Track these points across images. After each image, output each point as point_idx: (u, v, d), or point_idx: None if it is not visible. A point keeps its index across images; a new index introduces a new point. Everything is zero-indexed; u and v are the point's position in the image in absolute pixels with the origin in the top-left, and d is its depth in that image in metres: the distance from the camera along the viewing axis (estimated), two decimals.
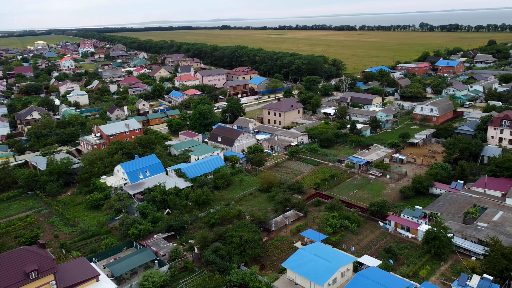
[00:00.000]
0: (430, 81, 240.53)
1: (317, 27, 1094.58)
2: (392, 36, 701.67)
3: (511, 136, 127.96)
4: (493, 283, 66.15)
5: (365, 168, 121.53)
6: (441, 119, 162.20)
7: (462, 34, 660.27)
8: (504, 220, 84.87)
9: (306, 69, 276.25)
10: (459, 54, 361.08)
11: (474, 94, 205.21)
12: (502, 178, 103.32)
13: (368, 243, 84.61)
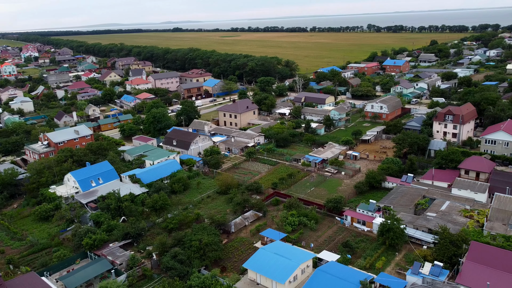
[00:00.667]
0: (379, 80, 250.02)
1: (269, 29, 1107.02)
2: (342, 37, 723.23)
3: (454, 130, 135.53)
4: (443, 269, 69.62)
5: (321, 165, 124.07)
6: (390, 116, 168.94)
7: (406, 35, 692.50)
8: (451, 209, 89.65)
9: (260, 71, 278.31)
10: (405, 53, 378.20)
11: (420, 92, 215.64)
12: (448, 170, 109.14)
13: (326, 238, 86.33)
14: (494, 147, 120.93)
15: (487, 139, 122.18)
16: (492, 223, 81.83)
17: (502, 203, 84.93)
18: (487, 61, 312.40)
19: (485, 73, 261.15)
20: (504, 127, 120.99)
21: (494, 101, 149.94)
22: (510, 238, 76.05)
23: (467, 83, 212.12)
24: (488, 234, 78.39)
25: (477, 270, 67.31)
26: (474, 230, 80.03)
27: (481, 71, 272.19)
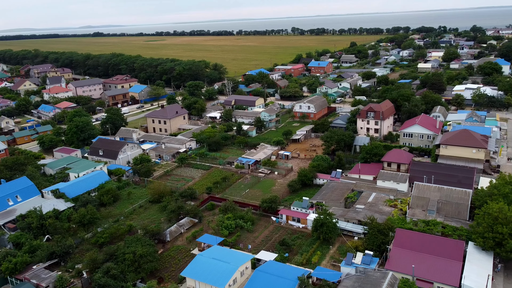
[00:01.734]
0: (305, 81, 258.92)
1: (196, 33, 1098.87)
2: (268, 40, 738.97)
3: (376, 126, 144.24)
4: (374, 257, 73.58)
5: (255, 167, 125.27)
6: (318, 115, 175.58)
7: (328, 37, 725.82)
8: (377, 200, 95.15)
9: (188, 75, 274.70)
10: (328, 55, 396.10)
11: (343, 91, 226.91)
12: (372, 164, 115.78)
13: (263, 239, 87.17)
14: (411, 140, 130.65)
15: (405, 132, 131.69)
16: (414, 210, 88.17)
17: (421, 191, 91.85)
18: (401, 61, 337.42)
19: (400, 71, 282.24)
20: (419, 121, 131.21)
21: (409, 97, 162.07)
22: (429, 222, 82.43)
23: (385, 81, 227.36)
24: (411, 221, 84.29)
25: (403, 255, 72.05)
26: (398, 218, 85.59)
27: (396, 70, 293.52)
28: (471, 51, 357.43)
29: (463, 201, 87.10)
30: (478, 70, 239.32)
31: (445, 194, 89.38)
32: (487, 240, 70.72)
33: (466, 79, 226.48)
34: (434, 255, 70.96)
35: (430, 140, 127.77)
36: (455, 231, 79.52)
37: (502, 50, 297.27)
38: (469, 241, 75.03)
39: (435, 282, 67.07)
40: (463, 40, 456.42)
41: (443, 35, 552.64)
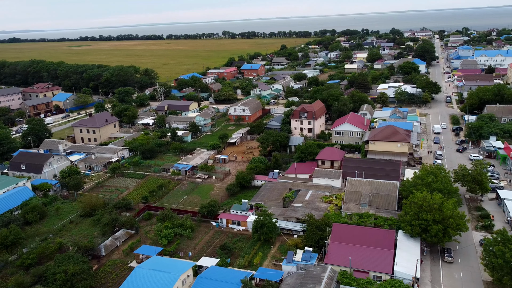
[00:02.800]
0: (238, 84, 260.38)
1: (123, 37, 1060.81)
2: (199, 44, 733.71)
3: (309, 125, 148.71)
4: (313, 253, 75.57)
5: (192, 173, 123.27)
6: (253, 117, 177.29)
7: (259, 40, 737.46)
8: (314, 197, 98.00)
9: (117, 81, 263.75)
10: (260, 58, 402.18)
11: (276, 93, 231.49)
12: (308, 162, 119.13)
13: (204, 245, 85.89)
14: (342, 137, 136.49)
15: (336, 131, 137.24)
16: (348, 204, 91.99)
17: (354, 186, 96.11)
18: (329, 62, 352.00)
19: (328, 72, 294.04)
20: (348, 119, 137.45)
21: (338, 97, 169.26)
22: (362, 215, 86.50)
23: (315, 82, 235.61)
24: (346, 215, 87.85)
25: (340, 248, 74.78)
26: (334, 213, 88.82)
27: (325, 71, 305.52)
28: (392, 52, 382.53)
29: (392, 192, 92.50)
30: (399, 70, 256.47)
31: (376, 187, 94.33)
32: (414, 228, 75.64)
33: (388, 78, 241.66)
34: (368, 245, 74.47)
35: (359, 137, 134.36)
36: (386, 221, 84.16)
37: (418, 51, 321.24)
38: (399, 230, 79.75)
39: (370, 271, 70.38)
40: (384, 42, 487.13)
41: (366, 37, 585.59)
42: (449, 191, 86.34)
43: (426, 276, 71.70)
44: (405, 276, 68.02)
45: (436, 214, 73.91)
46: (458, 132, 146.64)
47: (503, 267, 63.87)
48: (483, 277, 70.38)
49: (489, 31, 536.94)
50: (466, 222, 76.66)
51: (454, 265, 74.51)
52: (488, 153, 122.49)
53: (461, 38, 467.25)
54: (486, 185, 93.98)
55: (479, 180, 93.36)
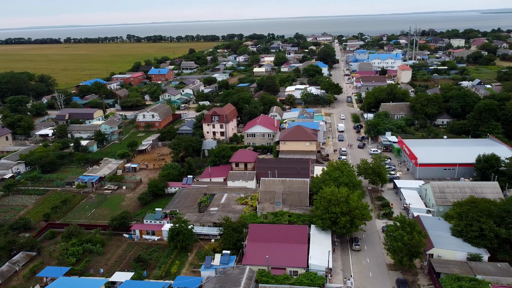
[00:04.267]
0: (146, 89, 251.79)
1: (13, 41, 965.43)
2: (102, 48, 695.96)
3: (221, 129, 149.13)
4: (231, 255, 75.68)
5: (99, 184, 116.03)
6: (163, 123, 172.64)
7: (166, 44, 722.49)
8: (230, 200, 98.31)
9: (7, 89, 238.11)
10: (168, 62, 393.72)
11: (187, 97, 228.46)
12: (222, 166, 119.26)
13: (117, 259, 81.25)
14: (255, 139, 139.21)
15: (248, 133, 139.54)
16: (263, 204, 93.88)
17: (267, 186, 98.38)
18: (238, 66, 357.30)
19: (238, 76, 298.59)
20: (259, 121, 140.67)
21: (248, 100, 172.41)
22: (277, 213, 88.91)
23: (225, 86, 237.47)
24: (261, 215, 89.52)
25: (257, 248, 75.91)
26: (250, 214, 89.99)
27: (235, 75, 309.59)
28: (297, 55, 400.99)
29: (303, 189, 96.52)
30: (304, 72, 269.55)
31: (288, 186, 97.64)
32: (325, 221, 79.73)
33: (295, 80, 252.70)
34: (284, 242, 76.72)
35: (270, 138, 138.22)
36: (299, 217, 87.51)
37: (320, 54, 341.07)
38: (311, 225, 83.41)
39: (287, 267, 72.52)
40: (289, 46, 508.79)
41: (272, 41, 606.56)
42: (354, 184, 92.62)
43: (337, 266, 75.94)
44: (319, 268, 71.30)
45: (344, 206, 78.73)
46: (359, 129, 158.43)
47: (402, 250, 70.16)
48: (386, 260, 76.63)
49: (380, 36, 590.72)
50: (370, 212, 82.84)
51: (361, 253, 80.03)
52: (385, 147, 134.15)
53: (357, 42, 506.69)
54: (385, 176, 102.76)
55: (378, 172, 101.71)
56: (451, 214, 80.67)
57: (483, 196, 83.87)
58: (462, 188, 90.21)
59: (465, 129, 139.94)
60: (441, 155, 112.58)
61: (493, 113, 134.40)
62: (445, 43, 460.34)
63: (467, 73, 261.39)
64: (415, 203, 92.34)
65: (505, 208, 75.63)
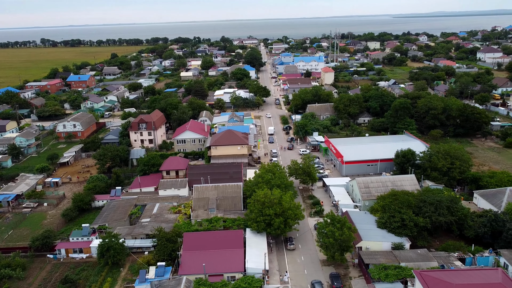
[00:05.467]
0: (66, 97, 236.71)
1: None
2: (12, 54, 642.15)
3: (149, 136, 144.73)
4: (167, 266, 73.69)
5: (16, 202, 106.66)
6: (86, 133, 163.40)
7: (86, 49, 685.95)
8: (162, 210, 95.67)
9: None
10: (88, 68, 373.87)
11: (111, 104, 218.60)
12: (152, 175, 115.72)
13: (41, 282, 75.32)
14: (185, 146, 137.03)
15: (178, 139, 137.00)
16: (197, 211, 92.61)
17: (201, 192, 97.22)
18: (164, 71, 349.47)
19: (165, 81, 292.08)
20: (189, 127, 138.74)
21: (176, 105, 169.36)
22: (212, 220, 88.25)
23: (152, 91, 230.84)
24: (196, 222, 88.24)
25: (193, 257, 74.71)
26: (184, 222, 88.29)
27: (161, 80, 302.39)
28: (224, 59, 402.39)
29: (237, 194, 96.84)
30: (232, 76, 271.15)
31: (221, 191, 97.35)
32: (259, 224, 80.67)
33: (223, 84, 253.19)
34: (220, 249, 76.31)
35: (201, 144, 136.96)
36: (234, 222, 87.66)
37: (247, 58, 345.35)
38: (246, 228, 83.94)
39: (224, 273, 72.18)
40: (216, 49, 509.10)
41: (199, 45, 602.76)
42: (286, 185, 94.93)
43: (274, 267, 77.23)
44: (256, 271, 71.95)
45: (277, 208, 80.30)
46: (288, 130, 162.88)
47: (334, 245, 73.23)
48: (320, 256, 79.49)
49: (304, 40, 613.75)
50: (302, 211, 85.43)
51: (296, 251, 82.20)
52: (313, 147, 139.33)
53: (282, 45, 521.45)
54: (314, 175, 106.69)
55: (308, 172, 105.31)
56: (376, 207, 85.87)
57: (402, 189, 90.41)
58: (384, 182, 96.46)
59: (384, 126, 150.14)
60: (364, 152, 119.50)
61: (407, 111, 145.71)
62: (362, 45, 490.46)
63: (384, 73, 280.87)
64: (343, 199, 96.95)
65: (422, 199, 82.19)
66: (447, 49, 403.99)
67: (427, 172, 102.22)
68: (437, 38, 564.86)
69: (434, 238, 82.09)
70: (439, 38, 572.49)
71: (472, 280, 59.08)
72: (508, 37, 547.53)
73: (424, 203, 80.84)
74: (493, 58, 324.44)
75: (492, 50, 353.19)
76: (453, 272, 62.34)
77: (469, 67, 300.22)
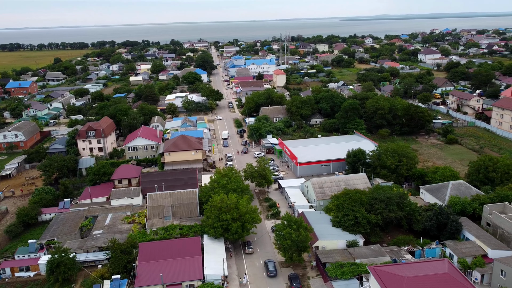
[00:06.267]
0: (6, 105, 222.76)
1: None
2: None
3: (99, 144, 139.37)
4: (122, 279, 71.20)
5: None
6: (29, 143, 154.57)
7: (26, 53, 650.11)
8: (115, 221, 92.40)
9: None
10: (30, 73, 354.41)
11: (56, 112, 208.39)
12: (103, 184, 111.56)
13: None
14: (137, 153, 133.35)
15: (130, 146, 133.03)
16: (152, 220, 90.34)
17: (155, 200, 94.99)
18: (112, 75, 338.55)
19: (113, 86, 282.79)
20: (141, 133, 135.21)
21: (126, 111, 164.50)
22: (168, 228, 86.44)
23: (100, 97, 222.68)
24: (151, 232, 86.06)
25: (149, 267, 72.77)
26: (139, 232, 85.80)
27: (109, 85, 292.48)
28: (174, 62, 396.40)
29: (193, 200, 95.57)
30: (183, 80, 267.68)
31: (177, 198, 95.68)
32: (217, 229, 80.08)
33: (175, 88, 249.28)
34: (177, 257, 74.90)
35: (154, 150, 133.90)
36: (191, 229, 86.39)
37: (198, 61, 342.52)
38: (204, 235, 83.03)
39: (183, 282, 70.90)
40: (166, 53, 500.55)
41: (148, 48, 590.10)
42: (242, 189, 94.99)
43: (233, 272, 76.92)
44: (215, 277, 71.33)
45: (234, 212, 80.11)
46: (242, 134, 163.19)
47: (291, 246, 74.18)
48: (278, 258, 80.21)
49: (255, 42, 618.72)
50: (259, 214, 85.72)
51: (254, 255, 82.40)
52: (268, 150, 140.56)
53: (234, 48, 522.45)
54: (270, 178, 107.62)
55: (264, 175, 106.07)
56: (330, 206, 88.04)
57: (355, 187, 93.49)
58: (338, 182, 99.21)
59: (335, 127, 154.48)
60: (318, 153, 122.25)
61: (356, 111, 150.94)
62: (312, 48, 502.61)
63: (333, 75, 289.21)
64: (299, 200, 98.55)
65: (373, 196, 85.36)
66: (391, 51, 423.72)
67: (377, 170, 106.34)
68: (382, 41, 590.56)
69: (386, 234, 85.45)
70: (383, 40, 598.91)
71: (421, 272, 62.08)
72: (445, 39, 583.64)
73: (376, 201, 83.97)
74: (433, 59, 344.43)
75: (431, 51, 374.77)
76: (404, 265, 65.18)
77: (411, 68, 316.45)
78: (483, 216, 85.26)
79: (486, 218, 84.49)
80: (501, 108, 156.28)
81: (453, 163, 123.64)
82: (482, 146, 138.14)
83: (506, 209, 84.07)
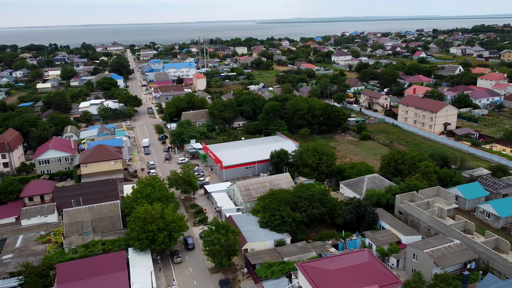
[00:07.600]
0: None
1: None
2: None
3: (4, 159, 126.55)
4: None
5: None
6: None
7: None
8: (27, 242, 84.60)
9: None
10: None
11: None
12: (11, 203, 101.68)
13: None
14: (49, 166, 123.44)
15: (40, 160, 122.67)
16: (70, 238, 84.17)
17: (72, 216, 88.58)
18: (16, 83, 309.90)
19: (18, 94, 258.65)
20: (52, 145, 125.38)
21: (35, 122, 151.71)
22: (88, 245, 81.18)
23: (2, 107, 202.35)
24: (70, 250, 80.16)
25: None
26: (55, 252, 79.44)
27: (13, 93, 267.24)
28: (87, 67, 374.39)
29: (114, 213, 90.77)
30: (98, 86, 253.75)
31: (97, 212, 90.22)
32: (142, 241, 76.96)
33: (89, 95, 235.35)
34: (101, 275, 70.47)
35: (69, 162, 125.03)
36: (114, 243, 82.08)
37: (113, 66, 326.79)
38: (129, 248, 79.34)
39: None
40: (77, 57, 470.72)
41: (56, 52, 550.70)
42: (167, 197, 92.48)
43: (162, 283, 74.58)
44: None
45: (160, 222, 77.66)
46: (164, 140, 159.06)
47: (220, 252, 73.82)
48: (208, 265, 79.41)
49: (173, 45, 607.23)
50: (186, 222, 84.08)
51: (183, 264, 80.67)
52: (191, 155, 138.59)
53: (151, 52, 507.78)
54: (195, 183, 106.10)
55: (189, 181, 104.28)
56: (257, 208, 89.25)
57: (280, 187, 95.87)
58: (263, 183, 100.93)
59: (258, 128, 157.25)
60: (242, 155, 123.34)
61: (277, 112, 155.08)
62: (231, 50, 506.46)
63: (253, 77, 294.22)
64: (226, 204, 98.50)
65: (297, 195, 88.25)
66: (307, 53, 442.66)
67: (300, 169, 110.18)
68: (298, 43, 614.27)
69: (311, 230, 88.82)
70: (299, 42, 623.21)
71: (344, 263, 65.61)
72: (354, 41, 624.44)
73: (300, 199, 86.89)
74: (345, 60, 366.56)
75: (343, 53, 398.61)
76: (329, 259, 68.37)
77: (326, 69, 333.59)
78: (396, 206, 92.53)
79: (398, 207, 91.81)
80: (406, 105, 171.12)
81: (368, 158, 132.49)
82: (392, 140, 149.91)
83: (415, 198, 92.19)
